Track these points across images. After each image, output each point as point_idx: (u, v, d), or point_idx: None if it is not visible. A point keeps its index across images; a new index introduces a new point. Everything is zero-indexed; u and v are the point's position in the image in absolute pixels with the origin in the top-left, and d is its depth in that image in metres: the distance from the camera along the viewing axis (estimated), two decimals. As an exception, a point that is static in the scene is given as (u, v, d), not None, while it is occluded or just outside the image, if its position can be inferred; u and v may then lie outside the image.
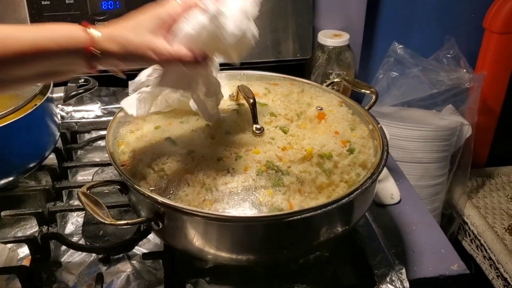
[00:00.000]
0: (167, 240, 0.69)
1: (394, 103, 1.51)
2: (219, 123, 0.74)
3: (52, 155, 0.97)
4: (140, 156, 0.71)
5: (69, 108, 1.21)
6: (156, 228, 0.66)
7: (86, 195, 0.66)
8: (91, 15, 1.14)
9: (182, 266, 0.76)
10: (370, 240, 0.83)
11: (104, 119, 1.21)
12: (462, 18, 1.60)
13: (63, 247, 0.81)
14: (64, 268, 0.78)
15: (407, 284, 0.74)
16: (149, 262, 0.79)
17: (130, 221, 0.64)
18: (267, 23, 1.23)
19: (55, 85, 0.95)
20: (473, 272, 1.55)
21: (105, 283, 0.75)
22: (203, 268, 0.77)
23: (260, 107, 0.77)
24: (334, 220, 0.67)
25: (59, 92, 0.96)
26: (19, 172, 0.90)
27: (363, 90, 0.91)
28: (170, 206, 0.62)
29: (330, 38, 1.30)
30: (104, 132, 1.11)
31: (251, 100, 0.72)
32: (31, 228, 0.87)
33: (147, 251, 0.80)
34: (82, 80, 1.02)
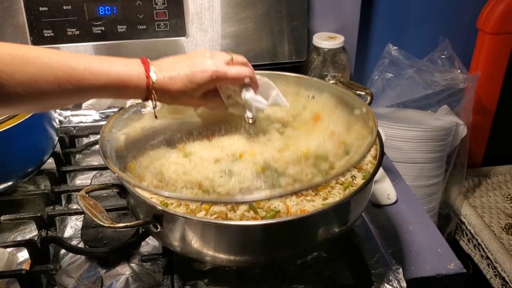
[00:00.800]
0: (166, 242, 0.70)
1: (389, 104, 1.52)
2: (216, 124, 0.74)
3: (51, 159, 0.98)
4: (137, 158, 0.71)
5: (67, 113, 1.22)
6: (155, 231, 0.67)
7: (85, 199, 0.67)
8: (88, 21, 1.14)
9: (181, 268, 0.76)
10: (367, 240, 0.83)
11: (102, 123, 1.21)
12: (455, 19, 1.61)
13: (63, 251, 0.82)
14: (64, 272, 0.79)
15: (404, 284, 0.75)
16: (148, 265, 0.80)
17: (128, 223, 0.65)
18: (263, 27, 1.24)
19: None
20: (471, 272, 1.56)
21: (104, 286, 0.76)
22: (202, 270, 0.77)
23: (256, 109, 0.78)
24: (331, 222, 0.68)
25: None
26: (18, 177, 0.91)
27: (358, 92, 0.92)
28: (169, 212, 0.63)
29: (325, 40, 1.30)
30: (102, 136, 1.12)
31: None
32: (31, 232, 0.88)
33: (146, 254, 0.81)
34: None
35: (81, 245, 0.84)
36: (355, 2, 1.35)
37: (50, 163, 0.98)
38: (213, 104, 0.72)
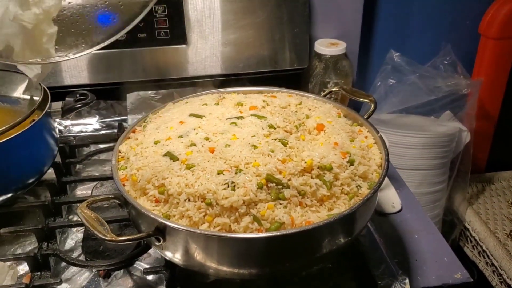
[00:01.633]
0: (168, 255, 0.69)
1: (392, 110, 1.51)
2: (219, 136, 0.73)
3: (51, 170, 0.97)
4: (140, 171, 0.70)
5: (67, 122, 1.21)
6: (157, 244, 0.66)
7: (85, 211, 0.66)
8: (88, 29, 1.13)
9: (183, 280, 0.75)
10: (372, 250, 0.82)
11: (103, 132, 1.20)
12: (457, 24, 1.61)
13: (64, 263, 0.81)
14: (65, 284, 0.78)
15: (410, 294, 0.74)
16: (150, 277, 0.79)
17: (130, 237, 0.64)
18: (264, 33, 1.23)
19: (53, 100, 0.95)
20: (476, 279, 1.54)
21: (106, 299, 0.75)
22: (205, 283, 0.76)
23: (259, 119, 0.77)
24: (337, 233, 0.67)
25: (56, 107, 0.96)
26: (18, 188, 0.89)
27: (361, 99, 0.91)
28: (171, 227, 0.62)
29: (327, 47, 1.30)
30: (103, 146, 1.11)
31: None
32: (31, 244, 0.87)
33: (148, 266, 0.80)
34: (80, 94, 1.01)
35: (82, 257, 0.82)
36: (357, 8, 1.35)
37: (51, 174, 0.97)
38: None
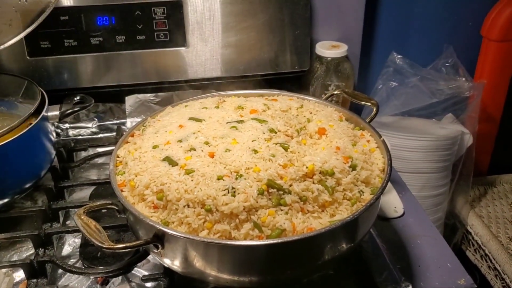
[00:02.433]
0: (167, 262, 0.67)
1: (393, 113, 1.51)
2: (219, 140, 0.72)
3: (48, 174, 0.95)
4: (138, 176, 0.69)
5: (65, 125, 1.19)
6: (155, 251, 0.64)
7: (83, 218, 0.64)
8: (86, 32, 1.12)
9: (183, 287, 0.74)
10: (374, 256, 0.81)
11: (101, 135, 1.19)
12: (459, 26, 1.60)
13: (61, 270, 0.79)
14: (62, 291, 0.77)
15: (413, 302, 0.73)
16: (149, 284, 0.77)
17: (128, 244, 0.62)
18: (265, 36, 1.22)
19: (50, 103, 0.94)
20: (478, 283, 1.53)
21: (104, 307, 0.74)
22: (204, 290, 0.75)
23: (259, 123, 0.76)
24: (339, 239, 0.65)
25: (54, 111, 0.95)
26: (15, 193, 0.88)
27: (363, 102, 0.90)
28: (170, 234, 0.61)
29: (328, 49, 1.29)
30: (101, 149, 1.10)
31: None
32: (27, 250, 0.85)
33: (147, 273, 0.78)
34: (78, 97, 1.00)
35: (79, 264, 0.81)
36: (358, 10, 1.33)
37: (48, 177, 0.95)
38: None
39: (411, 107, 1.49)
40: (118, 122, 1.21)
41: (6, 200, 0.86)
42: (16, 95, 0.98)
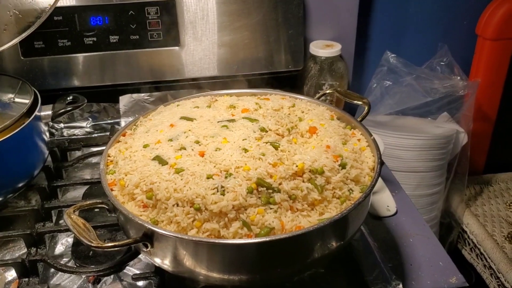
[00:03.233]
0: (157, 261, 0.67)
1: (388, 112, 1.50)
2: (209, 139, 0.72)
3: (42, 173, 0.95)
4: (128, 175, 0.69)
5: (59, 125, 1.19)
6: (145, 250, 0.64)
7: (72, 217, 0.64)
8: (79, 32, 1.12)
9: (173, 286, 0.74)
10: (366, 254, 0.81)
11: (95, 135, 1.19)
12: (454, 25, 1.60)
13: (52, 269, 0.80)
14: (53, 291, 0.77)
15: (404, 300, 0.73)
16: (140, 283, 0.77)
17: (117, 243, 0.62)
18: (258, 35, 1.22)
19: (43, 103, 0.94)
20: (473, 282, 1.53)
21: (95, 305, 0.74)
22: (195, 288, 0.75)
23: (251, 122, 0.76)
24: (328, 237, 0.65)
25: (47, 110, 0.95)
26: (7, 192, 0.89)
27: (355, 101, 0.90)
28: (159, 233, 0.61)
29: (322, 48, 1.29)
30: (94, 149, 1.10)
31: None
32: (20, 249, 0.86)
33: (138, 272, 0.78)
34: (71, 97, 1.00)
35: (71, 263, 0.81)
36: (352, 9, 1.34)
37: (42, 177, 0.96)
38: None
39: (406, 106, 1.49)
40: (112, 121, 1.21)
41: (-1, 199, 0.87)
42: (9, 95, 0.98)
